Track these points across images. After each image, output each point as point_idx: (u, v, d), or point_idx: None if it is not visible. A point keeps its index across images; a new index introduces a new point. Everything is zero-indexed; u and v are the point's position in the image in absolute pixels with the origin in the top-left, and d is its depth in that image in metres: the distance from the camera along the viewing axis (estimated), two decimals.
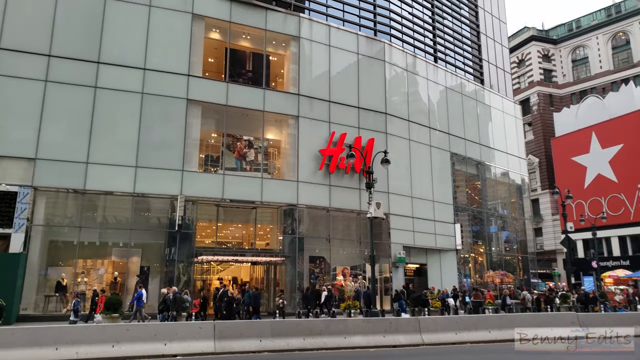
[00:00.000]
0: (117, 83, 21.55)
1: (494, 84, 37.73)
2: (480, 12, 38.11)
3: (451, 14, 35.41)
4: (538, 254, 43.50)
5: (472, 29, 37.23)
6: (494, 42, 38.87)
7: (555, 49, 56.65)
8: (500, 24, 40.19)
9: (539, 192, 51.77)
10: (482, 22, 37.91)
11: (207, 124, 24.05)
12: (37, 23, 20.77)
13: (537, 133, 53.58)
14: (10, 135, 19.72)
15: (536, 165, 52.62)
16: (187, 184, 22.22)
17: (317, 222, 25.86)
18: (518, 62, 57.75)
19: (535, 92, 54.71)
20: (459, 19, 35.99)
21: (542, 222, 51.18)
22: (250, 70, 25.62)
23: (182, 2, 23.39)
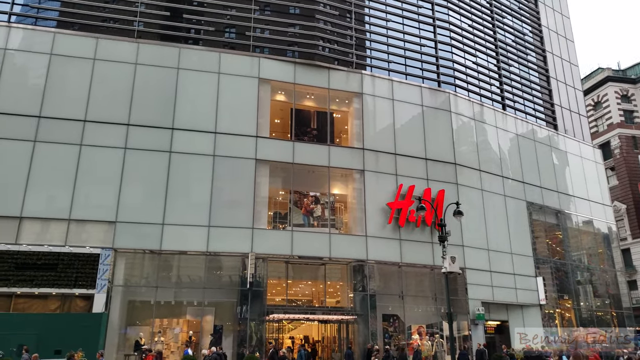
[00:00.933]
0: (190, 147, 22.76)
1: (569, 129, 35.97)
2: (549, 57, 37.08)
3: (517, 60, 34.74)
4: (635, 309, 39.23)
5: (540, 74, 36.19)
6: (566, 86, 37.43)
7: (634, 89, 53.57)
8: (571, 67, 38.82)
9: (630, 241, 47.44)
10: (551, 66, 36.80)
11: (274, 182, 24.58)
12: (118, 96, 22.64)
13: (621, 178, 49.87)
14: (93, 201, 21.14)
15: (624, 212, 48.58)
16: (257, 241, 22.51)
17: (388, 278, 25.08)
18: (594, 105, 55.05)
19: (616, 135, 51.46)
20: (526, 65, 35.20)
21: (636, 274, 46.52)
22: (315, 128, 26.21)
23: (249, 68, 24.71)
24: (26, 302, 20.43)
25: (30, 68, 22.27)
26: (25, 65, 22.32)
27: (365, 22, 28.81)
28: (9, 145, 20.92)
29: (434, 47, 30.12)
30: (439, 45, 30.24)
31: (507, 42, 34.61)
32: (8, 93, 21.49)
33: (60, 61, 22.41)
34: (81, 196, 21.00)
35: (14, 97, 21.52)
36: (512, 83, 33.70)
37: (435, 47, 30.12)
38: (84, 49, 22.78)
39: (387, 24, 29.10)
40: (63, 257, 20.33)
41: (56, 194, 20.87)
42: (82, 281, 20.30)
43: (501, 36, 34.32)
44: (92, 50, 22.84)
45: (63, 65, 22.40)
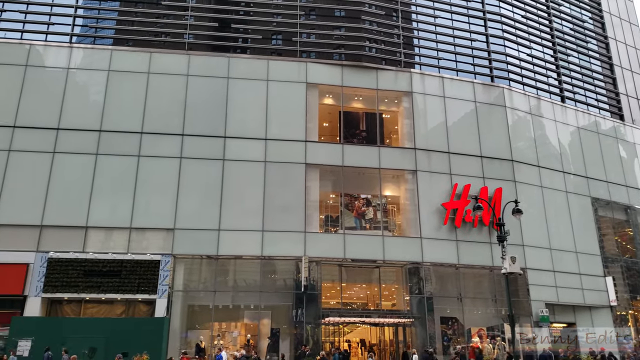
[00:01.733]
0: (242, 154, 23.26)
1: (637, 119, 33.74)
2: (612, 43, 34.91)
3: (577, 49, 33.00)
4: None
5: (603, 62, 34.18)
6: (632, 73, 35.13)
7: None
8: (637, 53, 36.43)
9: None
10: (614, 53, 34.65)
11: (325, 185, 24.60)
12: (172, 107, 23.50)
13: None
14: (152, 209, 22.01)
15: None
16: (309, 245, 22.61)
17: (445, 280, 24.47)
18: None
19: None
20: (586, 54, 33.37)
21: None
22: (364, 130, 26.03)
23: (297, 74, 24.91)
24: (94, 307, 21.50)
25: (90, 85, 23.55)
26: (85, 83, 23.63)
27: (412, 20, 28.35)
28: (74, 159, 22.17)
29: (486, 41, 29.18)
30: (491, 39, 29.27)
31: (565, 31, 32.96)
32: (71, 110, 22.82)
33: (118, 77, 23.54)
34: (141, 205, 21.93)
35: (77, 114, 22.83)
36: (572, 74, 32.05)
37: (487, 41, 29.17)
38: (138, 63, 23.83)
39: (435, 21, 28.49)
40: (126, 264, 21.24)
41: (118, 204, 21.89)
42: (144, 287, 21.12)
43: (558, 25, 32.74)
44: (146, 65, 23.84)
45: (120, 81, 23.52)
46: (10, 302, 20.70)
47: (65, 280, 20.79)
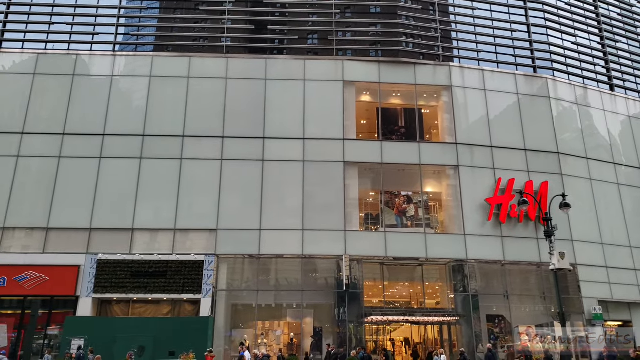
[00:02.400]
0: (281, 154, 23.41)
1: None
2: None
3: (626, 35, 31.50)
4: None
5: None
6: None
7: None
8: None
9: None
10: None
11: (364, 183, 24.43)
12: (212, 110, 23.91)
13: None
14: (195, 210, 22.47)
15: None
16: (350, 243, 22.50)
17: (490, 277, 23.83)
18: None
19: None
20: (636, 39, 31.78)
21: None
22: (403, 126, 25.67)
23: (333, 72, 24.84)
24: (142, 307, 22.10)
25: (133, 91, 24.25)
26: (129, 89, 24.35)
27: (449, 13, 27.76)
28: (120, 164, 22.90)
29: (527, 30, 28.26)
30: (533, 28, 28.30)
31: (612, 17, 31.51)
32: (116, 116, 23.59)
33: (159, 82, 24.16)
34: (184, 207, 22.42)
35: (121, 119, 23.57)
36: (621, 60, 30.59)
37: (529, 31, 28.24)
38: (178, 68, 24.38)
39: (473, 12, 27.81)
40: (171, 265, 21.73)
41: (162, 206, 22.45)
42: (189, 287, 21.54)
43: (604, 11, 31.33)
44: (186, 69, 24.36)
45: (161, 86, 24.13)
46: (64, 303, 21.64)
47: (114, 281, 21.47)
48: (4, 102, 23.80)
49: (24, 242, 22.00)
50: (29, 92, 23.76)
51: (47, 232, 21.97)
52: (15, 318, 21.60)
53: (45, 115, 23.53)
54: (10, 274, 21.19)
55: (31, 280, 21.23)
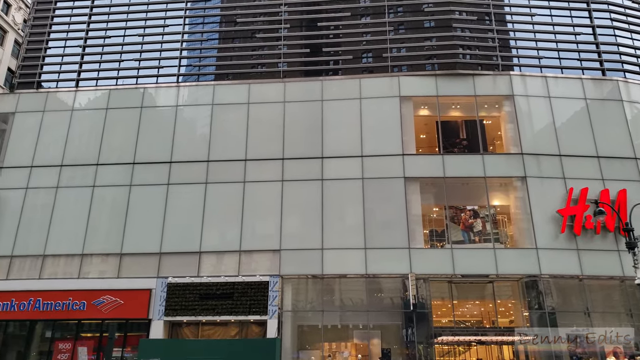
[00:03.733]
0: (340, 173, 23.45)
1: None
2: None
3: None
4: None
5: None
6: None
7: None
8: None
9: None
10: None
11: (426, 198, 23.90)
12: (271, 134, 24.45)
13: None
14: (259, 231, 22.88)
15: None
16: (415, 261, 21.94)
17: (568, 293, 22.36)
18: None
19: None
20: None
21: None
22: (465, 138, 25.01)
23: (389, 88, 24.76)
24: (211, 329, 22.49)
25: (197, 119, 25.31)
26: (192, 118, 25.45)
27: (507, 22, 27.05)
28: (187, 189, 23.80)
29: (592, 33, 26.96)
30: (598, 30, 26.97)
31: None
32: (181, 143, 24.66)
33: (221, 109, 25.10)
34: (248, 228, 22.87)
35: (187, 147, 24.61)
36: None
37: (594, 33, 26.93)
38: (238, 95, 25.24)
39: (532, 19, 26.94)
40: (237, 286, 22.06)
41: (227, 228, 23.02)
42: (255, 308, 21.73)
43: None
44: (245, 96, 25.17)
45: (223, 113, 25.04)
46: (138, 325, 22.45)
47: (183, 304, 22.05)
48: (81, 136, 25.50)
49: (100, 268, 23.18)
50: (102, 126, 25.39)
51: (121, 257, 23.05)
52: (94, 340, 22.62)
53: (117, 146, 24.99)
54: (89, 298, 22.32)
55: (107, 304, 22.23)
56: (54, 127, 25.72)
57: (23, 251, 23.63)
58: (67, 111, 26.04)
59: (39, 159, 25.18)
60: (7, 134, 26.07)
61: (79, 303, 22.26)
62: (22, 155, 25.35)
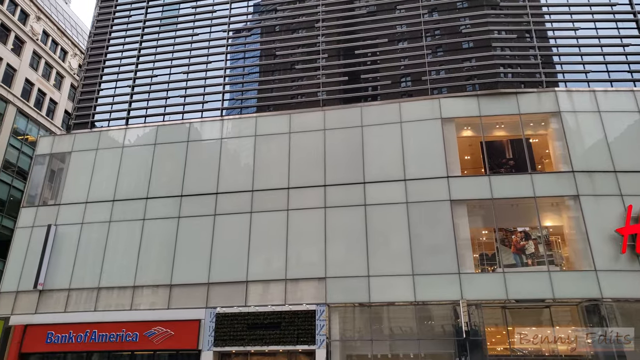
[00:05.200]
0: (383, 197, 23.22)
1: None
2: None
3: None
4: None
5: None
6: None
7: None
8: None
9: None
10: None
11: (474, 221, 23.22)
12: (312, 161, 24.65)
13: None
14: (303, 259, 22.79)
15: None
16: (465, 287, 21.23)
17: (636, 318, 20.90)
18: None
19: None
20: None
21: None
22: (511, 158, 24.29)
23: (430, 111, 24.55)
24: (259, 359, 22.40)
25: (240, 150, 25.89)
26: (236, 149, 26.04)
27: (548, 38, 26.47)
28: (232, 219, 24.20)
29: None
30: None
31: None
32: (226, 175, 25.25)
33: (263, 140, 25.61)
34: (293, 257, 22.88)
35: (231, 178, 25.16)
36: None
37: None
38: (280, 125, 25.70)
39: (575, 33, 26.24)
40: (284, 315, 21.96)
41: (272, 257, 23.11)
42: (303, 337, 21.51)
43: None
44: (287, 126, 25.60)
45: (265, 143, 25.52)
46: (188, 356, 22.63)
47: (232, 334, 22.11)
48: (132, 172, 26.55)
49: (151, 299, 23.68)
50: (151, 161, 26.38)
51: (171, 288, 23.53)
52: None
53: (165, 180, 25.84)
54: (141, 329, 22.81)
55: (158, 335, 22.61)
56: (106, 164, 26.96)
57: (79, 284, 24.54)
58: (118, 148, 27.28)
59: (93, 194, 26.35)
60: (64, 172, 27.52)
61: (132, 334, 22.78)
62: (78, 192, 26.62)
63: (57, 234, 25.62)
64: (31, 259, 25.29)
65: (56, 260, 25.15)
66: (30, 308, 24.53)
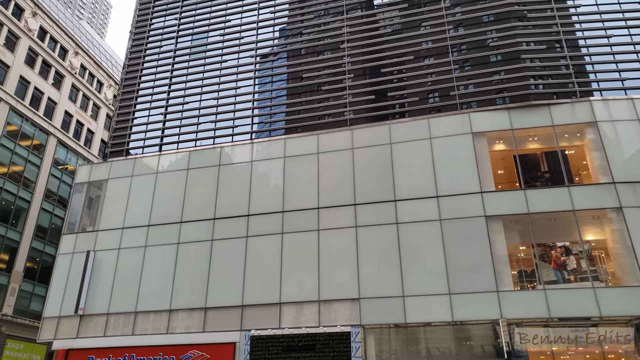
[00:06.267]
0: (415, 215, 22.85)
1: None
2: None
3: None
4: None
5: None
6: None
7: None
8: None
9: None
10: None
11: (511, 237, 22.53)
12: (342, 181, 24.58)
13: None
14: (336, 280, 22.54)
15: None
16: (505, 305, 20.51)
17: None
18: None
19: None
20: None
21: None
22: (547, 171, 23.60)
23: (460, 126, 24.20)
24: None
25: (270, 172, 26.09)
26: (266, 171, 26.27)
27: (580, 47, 25.85)
28: (265, 241, 24.27)
29: None
30: None
31: None
32: (257, 197, 25.43)
33: (292, 161, 25.75)
34: (325, 277, 22.68)
35: (262, 199, 25.30)
36: None
37: None
38: (308, 146, 25.83)
39: (609, 41, 25.55)
40: (319, 338, 21.69)
41: (304, 278, 22.96)
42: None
43: None
44: (315, 146, 25.69)
45: (294, 164, 25.65)
46: None
47: (267, 357, 21.95)
48: (166, 197, 27.07)
49: (186, 323, 23.83)
50: (184, 185, 26.86)
51: (206, 311, 23.63)
52: None
53: (198, 204, 26.22)
54: (177, 353, 22.95)
55: (195, 359, 22.65)
56: (141, 190, 27.59)
57: (117, 308, 24.96)
58: (152, 174, 27.92)
59: (129, 220, 26.96)
60: (101, 199, 28.33)
61: (169, 358, 22.95)
62: (114, 218, 27.29)
63: (96, 260, 26.25)
64: (72, 285, 25.94)
65: (95, 285, 25.72)
66: (71, 333, 25.07)
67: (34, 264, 44.24)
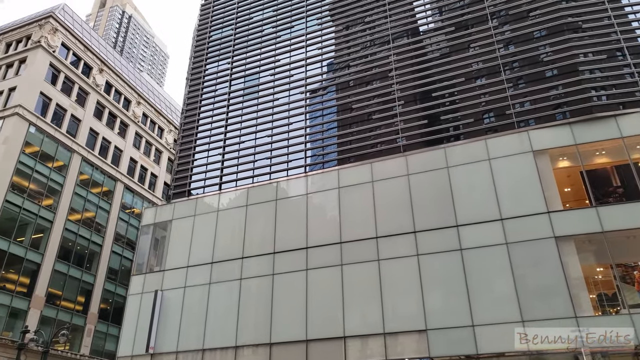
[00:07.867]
0: (479, 240, 21.96)
1: None
2: None
3: None
4: None
5: None
6: None
7: None
8: None
9: None
10: None
11: (585, 258, 21.14)
12: (399, 208, 24.14)
13: None
14: (400, 311, 21.88)
15: None
16: (585, 332, 19.04)
17: None
18: None
19: None
20: None
21: None
22: (619, 185, 22.17)
23: (519, 145, 23.30)
24: None
25: (325, 204, 26.12)
26: (321, 203, 26.32)
27: None
28: (324, 274, 24.07)
29: None
30: None
31: None
32: (314, 229, 25.42)
33: (347, 192, 25.67)
34: (389, 308, 22.06)
35: (319, 231, 25.26)
36: None
37: None
38: (362, 176, 25.68)
39: None
40: None
41: (367, 310, 22.45)
42: None
43: None
44: (369, 175, 25.52)
45: (349, 195, 25.53)
46: None
47: None
48: (227, 233, 27.63)
49: (251, 359, 23.79)
50: (244, 222, 27.36)
51: (271, 347, 23.54)
52: None
53: (258, 239, 26.56)
54: None
55: None
56: (203, 229, 28.35)
57: (185, 346, 25.37)
58: (213, 213, 28.69)
59: (193, 258, 27.66)
60: (167, 239, 29.33)
61: None
62: (179, 257, 28.11)
63: (164, 299, 26.99)
64: (142, 324, 26.70)
65: (164, 323, 26.36)
66: None
67: (107, 305, 46.21)
